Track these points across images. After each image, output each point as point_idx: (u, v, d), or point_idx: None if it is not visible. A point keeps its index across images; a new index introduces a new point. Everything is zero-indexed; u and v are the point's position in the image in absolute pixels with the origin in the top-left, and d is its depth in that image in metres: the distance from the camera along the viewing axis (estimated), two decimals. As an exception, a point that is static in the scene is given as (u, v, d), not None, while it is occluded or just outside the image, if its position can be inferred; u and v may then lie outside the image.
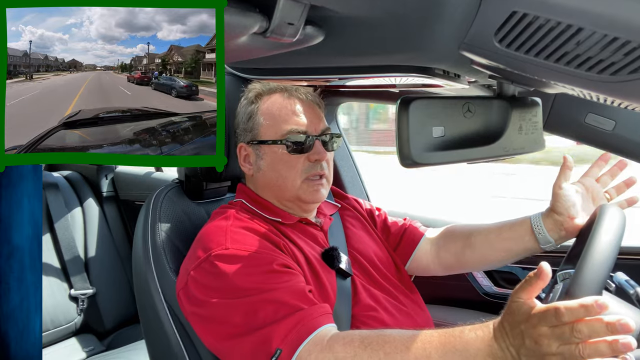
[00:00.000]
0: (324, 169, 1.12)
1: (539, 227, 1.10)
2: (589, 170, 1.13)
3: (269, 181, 1.13)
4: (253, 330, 0.88)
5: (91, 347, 2.16)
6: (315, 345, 0.84)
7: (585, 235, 0.91)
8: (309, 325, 0.87)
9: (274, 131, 1.11)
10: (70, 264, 2.20)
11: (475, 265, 1.28)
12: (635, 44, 0.50)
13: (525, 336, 0.71)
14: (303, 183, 1.10)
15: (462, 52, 0.74)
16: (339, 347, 0.83)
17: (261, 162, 1.13)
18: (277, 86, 1.16)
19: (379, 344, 0.81)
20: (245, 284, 0.92)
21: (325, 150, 1.11)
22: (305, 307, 0.90)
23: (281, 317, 0.88)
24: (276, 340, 0.86)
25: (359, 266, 1.15)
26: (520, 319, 0.72)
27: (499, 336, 0.75)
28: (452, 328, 0.80)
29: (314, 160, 1.10)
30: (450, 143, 0.85)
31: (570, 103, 1.29)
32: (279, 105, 1.13)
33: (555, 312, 0.69)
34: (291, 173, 1.10)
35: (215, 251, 0.98)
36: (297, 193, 1.10)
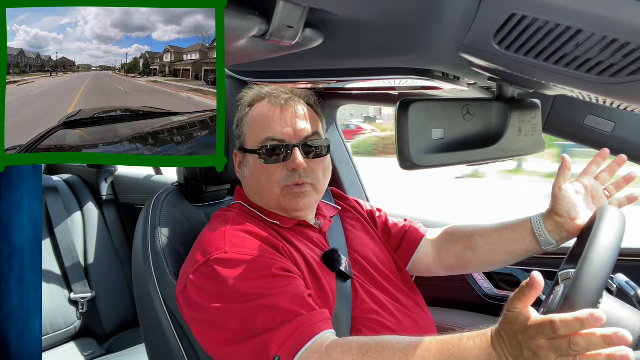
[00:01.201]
0: (302, 178, 1.08)
1: (540, 229, 1.10)
2: (587, 168, 1.12)
3: (253, 188, 1.14)
4: (251, 337, 0.88)
5: (91, 351, 2.15)
6: (313, 353, 0.84)
7: (586, 236, 0.91)
8: (307, 332, 0.87)
9: (253, 140, 1.11)
10: (70, 267, 2.20)
11: (477, 267, 1.27)
12: (635, 45, 0.51)
13: (524, 347, 0.71)
14: (283, 191, 1.09)
15: (461, 55, 0.74)
16: (337, 354, 0.82)
17: (245, 169, 1.15)
18: (267, 92, 1.15)
19: (377, 351, 0.81)
20: (244, 288, 0.92)
21: (302, 159, 1.07)
22: (304, 312, 0.89)
23: (279, 323, 0.87)
24: (274, 347, 0.86)
25: (360, 268, 1.15)
26: (517, 329, 0.72)
27: (496, 345, 0.75)
28: (451, 335, 0.80)
29: (291, 169, 1.08)
30: (450, 145, 0.85)
31: (570, 105, 1.30)
32: (260, 113, 1.13)
33: (551, 325, 0.69)
34: (269, 182, 1.09)
35: (214, 255, 0.98)
36: (278, 201, 1.10)
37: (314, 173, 1.10)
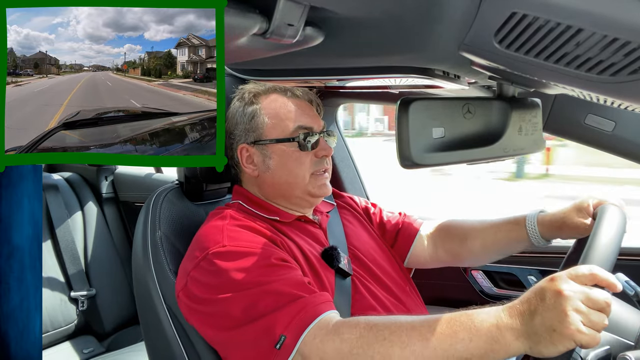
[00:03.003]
0: (328, 164, 1.16)
1: (534, 230, 1.13)
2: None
3: (278, 179, 1.13)
4: (255, 319, 0.88)
5: (91, 349, 2.15)
6: (320, 329, 0.84)
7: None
8: (312, 311, 0.87)
9: (280, 129, 1.12)
10: (70, 265, 2.20)
11: (472, 263, 1.39)
12: (636, 44, 0.50)
13: (536, 298, 0.73)
14: (311, 178, 1.12)
15: (461, 53, 0.74)
16: (345, 329, 0.83)
17: (270, 161, 1.13)
18: (272, 86, 1.17)
19: (384, 324, 0.82)
20: (245, 278, 0.92)
21: (329, 146, 1.15)
22: (306, 295, 0.90)
23: (283, 304, 0.88)
24: (279, 327, 0.86)
25: (359, 263, 1.16)
26: (529, 295, 0.74)
27: (506, 307, 0.76)
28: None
29: (321, 156, 1.13)
30: (450, 144, 0.85)
31: (570, 104, 1.30)
32: (282, 104, 1.14)
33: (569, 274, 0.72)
34: (301, 169, 1.12)
35: (212, 249, 0.98)
36: (307, 188, 1.12)
37: (330, 161, 1.17)
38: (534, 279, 1.54)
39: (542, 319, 0.69)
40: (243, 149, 1.15)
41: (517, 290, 1.65)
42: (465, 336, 0.75)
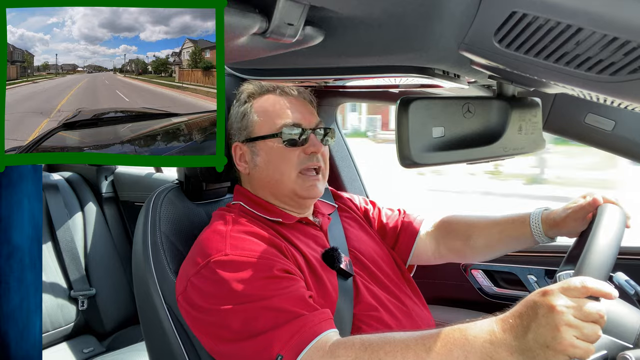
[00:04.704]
0: (319, 162, 1.12)
1: (539, 232, 1.13)
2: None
3: (265, 177, 1.13)
4: (253, 336, 0.88)
5: (91, 349, 2.16)
6: (317, 351, 0.84)
7: (585, 235, 0.91)
8: (311, 331, 0.87)
9: (268, 126, 1.12)
10: (70, 265, 2.20)
11: (474, 260, 1.39)
12: (635, 44, 0.50)
13: (528, 311, 0.73)
14: (298, 177, 1.10)
15: (461, 53, 0.74)
16: (341, 351, 0.83)
17: (257, 158, 1.13)
18: (269, 86, 1.17)
19: (379, 344, 0.82)
20: (245, 290, 0.92)
21: (320, 143, 1.12)
22: (306, 313, 0.89)
23: (282, 322, 0.87)
24: (277, 346, 0.85)
25: (361, 265, 1.15)
26: (521, 309, 0.74)
27: (499, 319, 0.76)
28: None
29: (309, 152, 1.10)
30: (450, 143, 0.85)
31: (570, 103, 1.30)
32: (272, 102, 1.14)
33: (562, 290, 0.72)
34: (287, 166, 1.10)
35: (214, 257, 0.97)
36: (293, 187, 1.10)
37: (323, 158, 1.14)
38: (534, 278, 1.54)
39: (535, 335, 0.70)
40: (236, 147, 1.16)
41: (517, 289, 1.65)
42: (460, 354, 0.75)
